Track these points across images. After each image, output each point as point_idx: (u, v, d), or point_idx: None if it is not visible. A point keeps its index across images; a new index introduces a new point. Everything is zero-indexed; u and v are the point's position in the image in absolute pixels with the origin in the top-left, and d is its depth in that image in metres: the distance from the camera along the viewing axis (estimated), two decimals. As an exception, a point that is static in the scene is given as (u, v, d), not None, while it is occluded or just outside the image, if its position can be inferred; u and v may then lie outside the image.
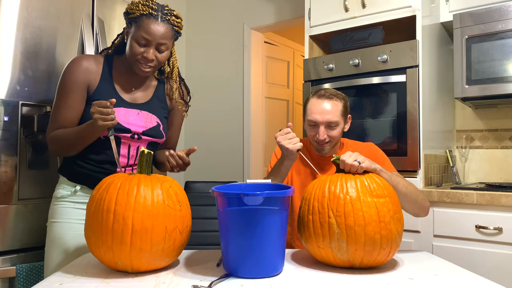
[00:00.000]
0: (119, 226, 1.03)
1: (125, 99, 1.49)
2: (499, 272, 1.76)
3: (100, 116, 1.27)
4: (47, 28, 1.80)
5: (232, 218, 1.03)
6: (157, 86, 1.58)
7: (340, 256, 1.09)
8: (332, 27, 2.38)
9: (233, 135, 3.42)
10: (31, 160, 1.74)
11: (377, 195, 1.10)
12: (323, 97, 1.53)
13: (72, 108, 1.42)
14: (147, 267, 1.08)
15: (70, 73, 1.43)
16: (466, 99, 2.19)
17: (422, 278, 1.05)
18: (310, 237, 1.13)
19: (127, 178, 1.10)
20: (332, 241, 1.08)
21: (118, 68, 1.50)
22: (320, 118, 1.50)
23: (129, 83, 1.51)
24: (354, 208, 1.07)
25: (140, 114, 1.50)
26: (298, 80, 3.87)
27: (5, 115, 1.66)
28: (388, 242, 1.08)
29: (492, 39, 2.04)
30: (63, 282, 1.01)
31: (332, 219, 1.08)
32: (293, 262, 1.21)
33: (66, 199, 1.48)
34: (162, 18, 1.39)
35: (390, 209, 1.10)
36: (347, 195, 1.09)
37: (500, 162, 2.41)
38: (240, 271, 1.04)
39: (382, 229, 1.07)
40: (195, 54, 3.68)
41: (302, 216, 1.16)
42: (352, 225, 1.06)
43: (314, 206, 1.13)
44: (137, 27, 1.39)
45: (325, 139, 1.51)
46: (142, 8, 1.38)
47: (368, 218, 1.07)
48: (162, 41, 1.40)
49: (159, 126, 1.54)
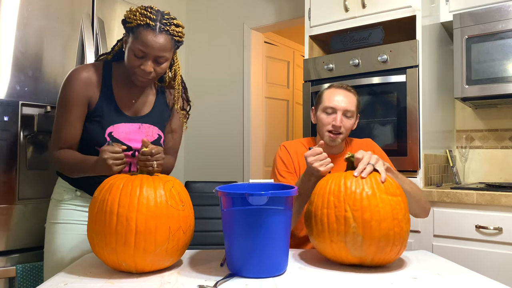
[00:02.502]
0: (123, 227, 1.02)
1: (126, 114, 1.44)
2: (499, 272, 1.77)
3: (114, 162, 1.24)
4: (47, 28, 1.79)
5: (236, 218, 1.03)
6: (157, 94, 1.52)
7: (353, 252, 1.08)
8: (332, 27, 2.38)
9: (233, 135, 3.42)
10: (31, 160, 1.73)
11: (391, 193, 1.12)
12: (342, 88, 1.56)
13: (74, 125, 1.39)
14: (151, 267, 1.07)
15: (71, 88, 1.38)
16: (466, 99, 2.20)
17: (426, 277, 1.06)
18: (323, 231, 1.11)
19: (129, 179, 1.10)
20: (347, 235, 1.07)
21: (117, 78, 1.44)
22: (340, 105, 1.51)
23: (129, 95, 1.45)
24: (371, 203, 1.08)
25: (142, 128, 1.45)
26: (298, 80, 3.88)
27: (5, 115, 1.65)
28: (400, 239, 1.09)
29: (492, 39, 2.05)
30: (68, 282, 1.00)
31: (348, 213, 1.08)
32: (298, 261, 1.21)
33: (66, 201, 1.48)
34: (161, 29, 1.29)
35: (402, 208, 1.12)
36: (363, 191, 1.10)
37: (500, 162, 2.42)
38: (244, 271, 1.04)
39: (395, 226, 1.08)
40: (195, 55, 3.68)
41: (315, 210, 1.15)
42: (369, 219, 1.06)
43: (329, 200, 1.12)
44: (134, 38, 1.30)
45: (340, 127, 1.51)
46: (139, 18, 1.29)
47: (384, 214, 1.08)
48: (160, 54, 1.31)
49: (160, 138, 1.50)
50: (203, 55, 3.63)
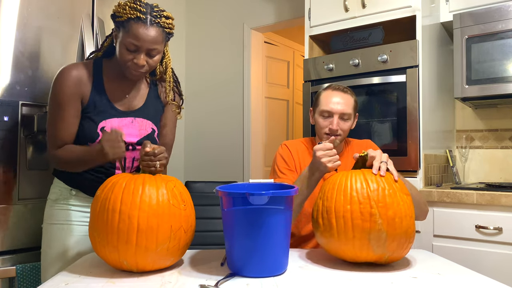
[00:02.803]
0: (125, 225, 1.03)
1: (119, 108, 1.44)
2: (499, 272, 1.77)
3: (113, 149, 1.25)
4: (47, 28, 1.79)
5: (237, 218, 1.03)
6: (150, 88, 1.52)
7: (375, 248, 1.08)
8: (332, 27, 2.38)
9: (233, 135, 3.42)
10: (31, 160, 1.73)
11: (405, 193, 1.15)
12: (338, 90, 1.55)
13: (69, 123, 1.39)
14: (152, 266, 1.08)
15: (62, 87, 1.37)
16: (466, 99, 2.20)
17: (426, 277, 1.06)
18: (346, 228, 1.09)
19: (132, 178, 1.10)
20: (372, 232, 1.07)
21: (108, 74, 1.44)
22: (336, 108, 1.51)
23: (120, 90, 1.46)
24: (394, 201, 1.10)
25: (134, 122, 1.45)
26: (298, 80, 3.88)
27: (5, 115, 1.65)
28: (413, 237, 1.13)
29: (492, 39, 2.05)
30: (69, 282, 1.00)
31: (374, 209, 1.08)
32: (298, 260, 1.21)
33: (62, 201, 1.47)
34: (152, 21, 1.30)
35: (413, 207, 1.16)
36: (385, 189, 1.11)
37: (500, 162, 2.42)
38: (245, 271, 1.04)
39: (411, 224, 1.12)
40: (195, 54, 3.68)
41: (337, 206, 1.12)
42: (392, 216, 1.08)
43: (352, 196, 1.11)
44: (125, 32, 1.31)
45: (337, 130, 1.51)
46: (129, 12, 1.29)
47: (404, 211, 1.10)
48: (152, 46, 1.32)
49: (154, 132, 1.50)
50: (203, 55, 3.63)
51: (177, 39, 3.40)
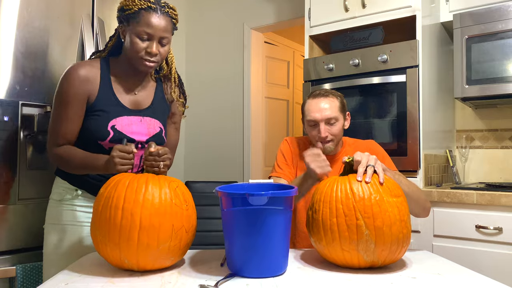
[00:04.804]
0: (127, 222, 1.03)
1: (127, 106, 1.45)
2: (499, 272, 1.77)
3: (121, 160, 1.25)
4: (47, 28, 1.79)
5: (236, 218, 1.03)
6: (156, 87, 1.54)
7: (366, 258, 1.08)
8: (332, 27, 2.38)
9: (233, 135, 3.42)
10: (31, 160, 1.73)
11: (395, 195, 1.12)
12: (319, 96, 1.54)
13: (73, 121, 1.39)
14: (153, 265, 1.08)
15: (69, 85, 1.38)
16: (466, 99, 2.20)
17: (425, 277, 1.06)
18: (334, 240, 1.09)
19: (135, 177, 1.11)
20: (359, 243, 1.06)
21: (116, 72, 1.45)
22: (319, 115, 1.50)
23: (128, 88, 1.47)
24: (382, 209, 1.07)
25: (143, 121, 1.46)
26: (298, 80, 3.88)
27: (5, 115, 1.65)
28: (407, 240, 1.11)
29: (492, 39, 2.05)
30: (69, 282, 1.00)
31: (360, 221, 1.06)
32: (298, 261, 1.22)
33: (67, 201, 1.47)
34: (162, 10, 1.35)
35: (406, 208, 1.13)
36: (371, 196, 1.08)
37: (500, 162, 2.42)
38: (245, 271, 1.04)
39: (403, 228, 1.09)
40: (195, 54, 3.68)
41: (323, 219, 1.11)
42: (381, 226, 1.06)
43: (338, 208, 1.09)
44: (136, 22, 1.34)
45: (327, 136, 1.51)
46: (139, 3, 1.33)
47: (393, 218, 1.07)
48: (164, 34, 1.36)
49: (162, 131, 1.51)
50: (203, 55, 3.63)
51: (177, 39, 3.40)
